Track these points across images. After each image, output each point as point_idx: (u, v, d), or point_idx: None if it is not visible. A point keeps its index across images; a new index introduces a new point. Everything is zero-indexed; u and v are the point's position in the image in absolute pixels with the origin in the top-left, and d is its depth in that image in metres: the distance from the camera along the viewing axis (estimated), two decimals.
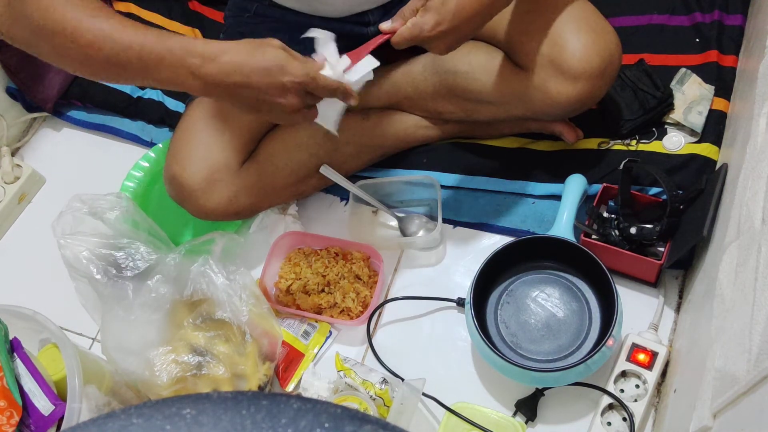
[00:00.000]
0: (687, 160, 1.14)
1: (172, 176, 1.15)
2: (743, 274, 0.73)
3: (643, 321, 1.07)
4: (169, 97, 1.46)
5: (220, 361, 1.04)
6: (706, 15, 1.26)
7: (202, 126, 1.16)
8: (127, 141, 1.48)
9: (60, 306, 1.19)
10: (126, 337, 1.05)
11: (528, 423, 1.04)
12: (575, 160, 1.20)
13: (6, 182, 1.44)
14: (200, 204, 1.14)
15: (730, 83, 1.19)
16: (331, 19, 1.17)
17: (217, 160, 1.14)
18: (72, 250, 1.08)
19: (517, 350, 1.04)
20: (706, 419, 0.71)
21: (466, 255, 1.21)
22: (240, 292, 1.08)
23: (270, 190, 1.20)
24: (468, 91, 1.14)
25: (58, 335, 0.97)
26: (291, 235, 1.24)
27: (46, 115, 1.55)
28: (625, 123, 1.19)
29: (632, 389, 1.01)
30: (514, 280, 1.10)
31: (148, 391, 1.04)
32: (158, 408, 0.38)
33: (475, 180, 1.24)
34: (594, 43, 1.00)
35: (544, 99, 1.05)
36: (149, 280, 1.08)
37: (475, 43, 1.13)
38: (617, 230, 1.07)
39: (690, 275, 1.08)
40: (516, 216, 1.21)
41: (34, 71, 1.49)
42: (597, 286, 1.06)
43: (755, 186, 0.77)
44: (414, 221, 1.23)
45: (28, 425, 0.92)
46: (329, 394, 1.05)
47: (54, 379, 0.96)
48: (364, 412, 0.42)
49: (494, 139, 1.27)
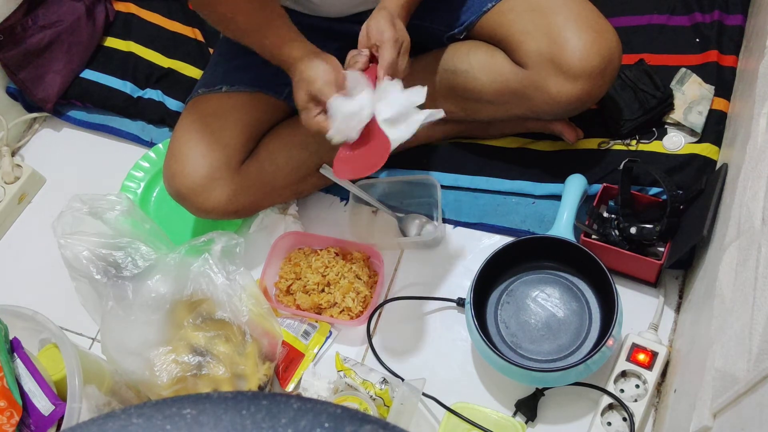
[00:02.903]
0: (687, 160, 1.14)
1: (171, 175, 1.15)
2: (743, 274, 0.73)
3: (643, 321, 1.07)
4: (169, 97, 1.46)
5: (220, 361, 1.04)
6: (706, 15, 1.26)
7: (202, 124, 1.16)
8: (127, 141, 1.48)
9: (60, 306, 1.19)
10: (126, 337, 1.05)
11: (528, 423, 1.04)
12: (575, 160, 1.20)
13: (6, 182, 1.44)
14: (200, 203, 1.14)
15: (730, 83, 1.19)
16: (330, 19, 1.17)
17: (217, 158, 1.14)
18: (72, 250, 1.08)
19: (517, 350, 1.04)
20: (706, 419, 0.71)
21: (466, 255, 1.21)
22: (240, 292, 1.08)
23: (270, 189, 1.20)
24: (468, 91, 1.14)
25: (58, 335, 0.97)
26: (291, 235, 1.24)
27: (46, 115, 1.55)
28: (625, 123, 1.19)
29: (632, 389, 1.01)
30: (514, 280, 1.10)
31: (148, 391, 1.04)
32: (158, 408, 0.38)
33: (475, 180, 1.24)
34: (594, 42, 1.00)
35: (544, 98, 1.05)
36: (149, 280, 1.08)
37: (475, 42, 1.13)
38: (617, 230, 1.07)
39: (690, 275, 1.08)
40: (516, 216, 1.21)
41: (34, 71, 1.49)
42: (597, 286, 1.06)
43: (755, 186, 0.77)
44: (414, 221, 1.23)
45: (28, 425, 0.92)
46: (329, 394, 1.05)
47: (54, 379, 0.96)
48: (364, 412, 0.42)
49: (494, 139, 1.27)
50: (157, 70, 1.50)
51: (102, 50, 1.55)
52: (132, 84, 1.49)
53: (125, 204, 1.13)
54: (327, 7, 1.15)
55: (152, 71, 1.50)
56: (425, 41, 1.19)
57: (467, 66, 1.12)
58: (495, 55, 1.10)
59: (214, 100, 1.18)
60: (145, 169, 1.38)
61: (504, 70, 1.08)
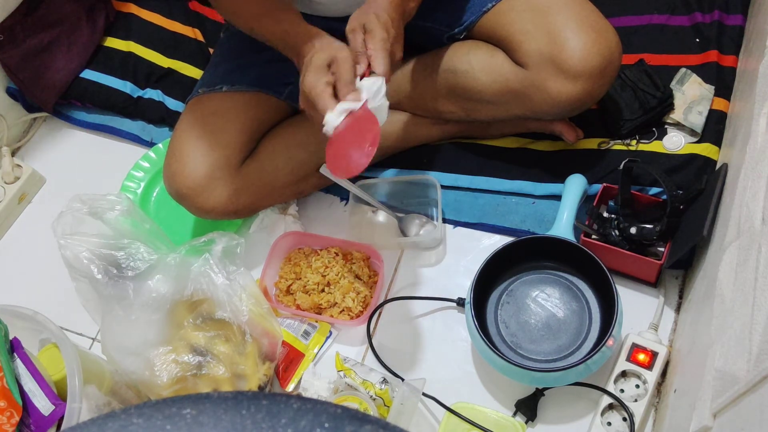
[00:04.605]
0: (687, 160, 1.14)
1: (171, 174, 1.15)
2: (743, 274, 0.73)
3: (643, 321, 1.07)
4: (169, 97, 1.46)
5: (220, 361, 1.04)
6: (706, 15, 1.26)
7: (202, 124, 1.16)
8: (127, 141, 1.48)
9: (60, 306, 1.19)
10: (126, 337, 1.05)
11: (528, 423, 1.04)
12: (575, 160, 1.20)
13: (6, 182, 1.44)
14: (200, 202, 1.14)
15: (730, 83, 1.19)
16: (331, 18, 1.17)
17: (217, 158, 1.14)
18: (72, 250, 1.08)
19: (517, 350, 1.04)
20: (706, 419, 0.71)
21: (466, 255, 1.21)
22: (240, 292, 1.08)
23: (270, 189, 1.20)
24: (468, 91, 1.14)
25: (58, 335, 0.97)
26: (291, 235, 1.24)
27: (46, 115, 1.55)
28: (625, 123, 1.19)
29: (632, 389, 1.01)
30: (514, 280, 1.10)
31: (148, 391, 1.04)
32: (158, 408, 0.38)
33: (475, 180, 1.24)
34: (594, 42, 1.00)
35: (544, 98, 1.05)
36: (149, 280, 1.08)
37: (475, 42, 1.13)
38: (617, 230, 1.07)
39: (690, 275, 1.08)
40: (516, 216, 1.21)
41: (34, 71, 1.48)
42: (597, 286, 1.06)
43: (755, 186, 0.77)
44: (414, 221, 1.23)
45: (28, 425, 0.92)
46: (329, 394, 1.05)
47: (54, 379, 0.96)
48: (364, 412, 0.42)
49: (494, 139, 1.27)
50: (157, 70, 1.50)
51: (102, 50, 1.55)
52: (132, 84, 1.49)
53: (125, 204, 1.13)
54: (328, 7, 1.15)
55: (152, 71, 1.50)
56: (425, 41, 1.19)
57: (467, 66, 1.12)
58: (495, 55, 1.10)
59: (215, 100, 1.18)
60: (145, 169, 1.38)
61: (504, 70, 1.08)
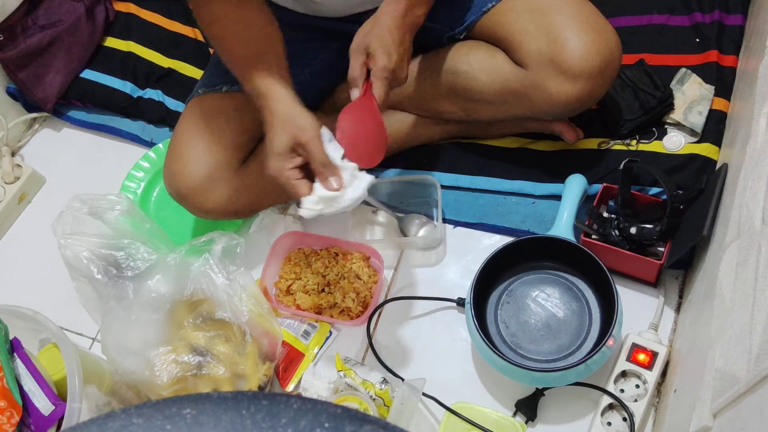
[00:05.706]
0: (687, 160, 1.14)
1: (172, 174, 1.15)
2: (743, 274, 0.73)
3: (643, 321, 1.07)
4: (169, 97, 1.46)
5: (220, 361, 1.04)
6: (706, 15, 1.26)
7: (202, 124, 1.16)
8: (127, 141, 1.48)
9: (60, 306, 1.19)
10: (126, 337, 1.05)
11: (528, 423, 1.04)
12: (575, 160, 1.20)
13: (6, 182, 1.44)
14: (200, 202, 1.14)
15: (730, 83, 1.19)
16: (329, 19, 1.17)
17: (217, 158, 1.14)
18: (72, 250, 1.08)
19: (517, 350, 1.04)
20: (706, 419, 0.71)
21: (466, 255, 1.21)
22: (240, 292, 1.08)
23: (270, 189, 1.20)
24: (468, 91, 1.14)
25: (58, 335, 0.97)
26: (291, 235, 1.24)
27: (46, 115, 1.55)
28: (625, 123, 1.19)
29: (632, 389, 1.01)
30: (514, 280, 1.10)
31: (148, 391, 1.04)
32: (158, 408, 0.38)
33: (475, 180, 1.24)
34: (594, 42, 1.00)
35: (544, 98, 1.05)
36: (149, 280, 1.08)
37: (475, 42, 1.13)
38: (617, 230, 1.07)
39: (690, 275, 1.08)
40: (516, 216, 1.21)
41: (34, 71, 1.49)
42: (597, 286, 1.06)
43: (755, 186, 0.77)
44: (414, 221, 1.23)
45: (28, 425, 0.92)
46: (329, 394, 1.05)
47: (54, 379, 0.96)
48: (364, 412, 0.42)
49: (494, 139, 1.27)
50: (157, 70, 1.50)
51: (102, 50, 1.55)
52: (132, 84, 1.49)
53: (125, 204, 1.13)
54: (328, 7, 1.15)
55: (152, 71, 1.50)
56: (425, 41, 1.19)
57: (467, 66, 1.12)
58: (495, 56, 1.10)
59: (215, 100, 1.18)
60: (145, 169, 1.38)
61: (504, 70, 1.09)
